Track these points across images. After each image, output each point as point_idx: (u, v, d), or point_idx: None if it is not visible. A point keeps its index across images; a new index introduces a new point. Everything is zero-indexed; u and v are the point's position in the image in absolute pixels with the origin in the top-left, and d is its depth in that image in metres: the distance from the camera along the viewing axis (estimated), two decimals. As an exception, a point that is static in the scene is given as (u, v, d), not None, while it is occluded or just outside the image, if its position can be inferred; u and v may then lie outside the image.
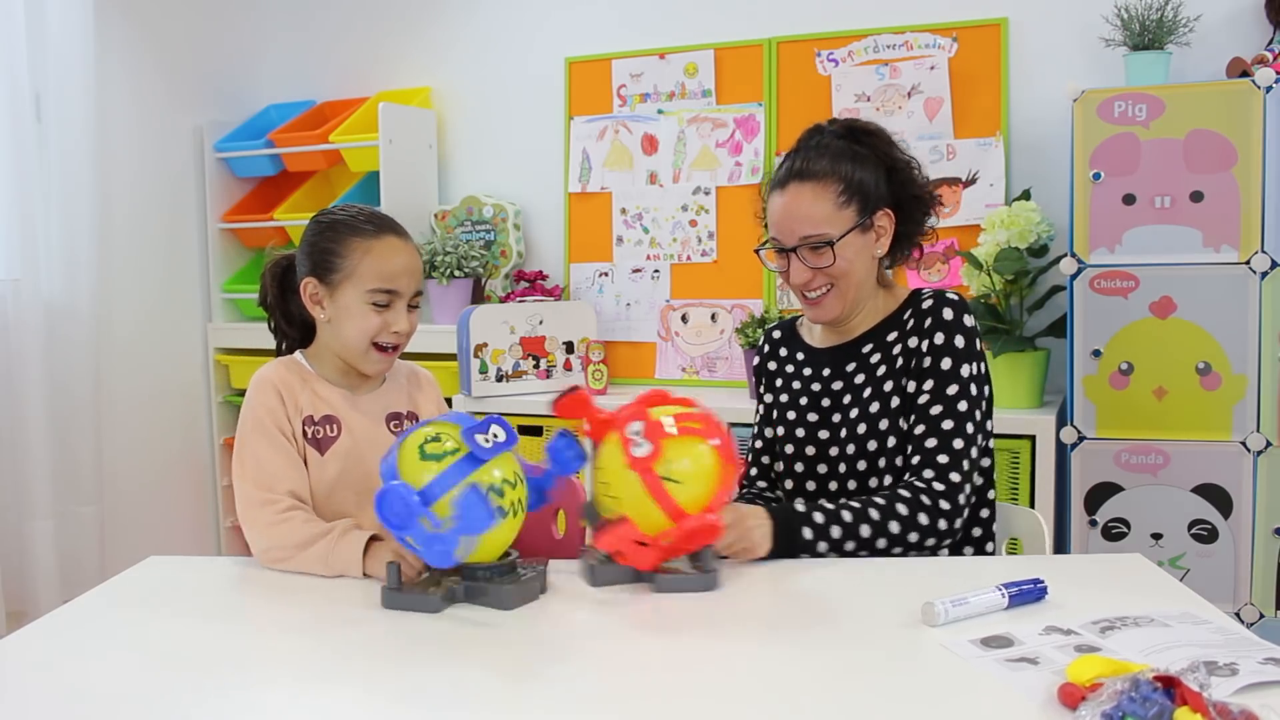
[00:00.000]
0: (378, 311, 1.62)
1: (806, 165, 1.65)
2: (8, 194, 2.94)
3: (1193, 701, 0.91)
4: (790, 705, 1.04)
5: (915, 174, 1.70)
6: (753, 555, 1.46)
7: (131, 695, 1.11)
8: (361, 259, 1.62)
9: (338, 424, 1.65)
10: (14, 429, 2.97)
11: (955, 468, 1.56)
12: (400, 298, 1.64)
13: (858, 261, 1.66)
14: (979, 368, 1.62)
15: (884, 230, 1.68)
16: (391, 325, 1.63)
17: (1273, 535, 2.45)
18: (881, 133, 1.71)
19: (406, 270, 1.64)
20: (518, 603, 1.30)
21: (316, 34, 3.78)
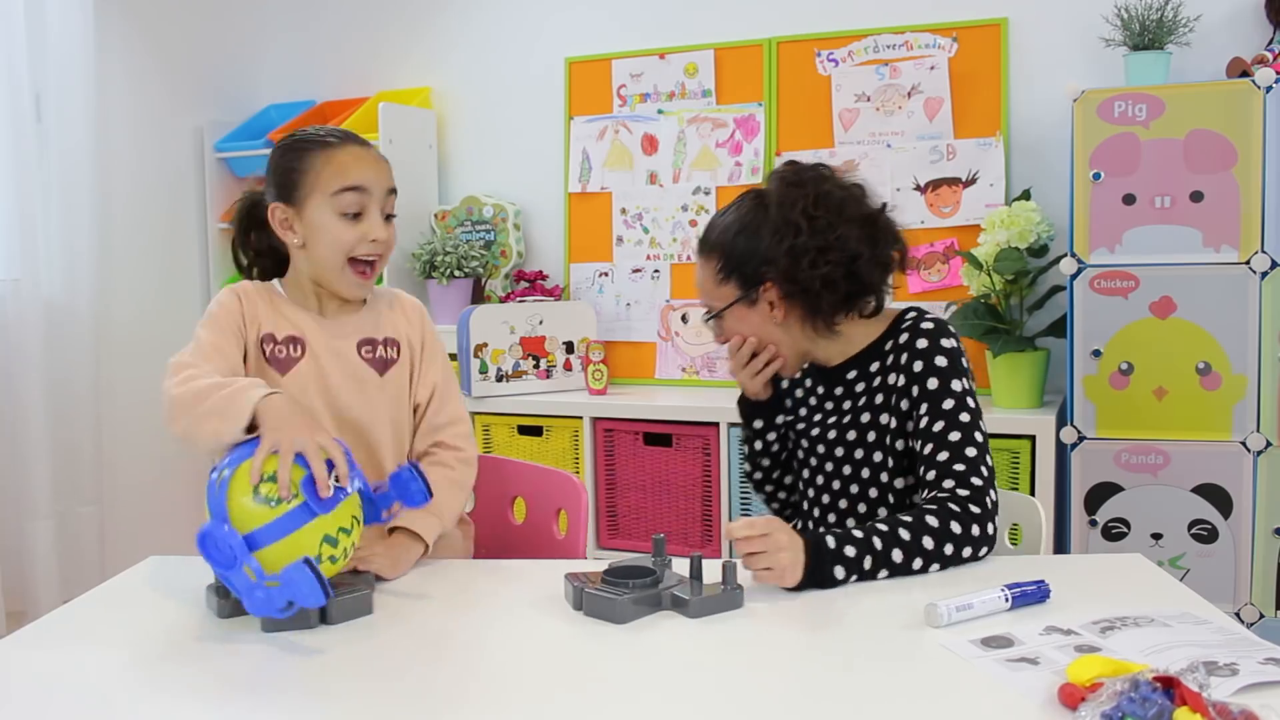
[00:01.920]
0: (350, 223, 1.54)
1: (704, 235, 1.66)
2: (8, 194, 2.94)
3: (1192, 702, 0.91)
4: (790, 704, 1.04)
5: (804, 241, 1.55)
6: (779, 583, 1.35)
7: (131, 695, 1.11)
8: (324, 167, 1.54)
9: (302, 344, 1.58)
10: (14, 429, 2.97)
11: (975, 473, 1.49)
12: (371, 198, 1.55)
13: (763, 330, 1.63)
14: (967, 383, 1.55)
15: (776, 301, 1.59)
16: (368, 234, 1.55)
17: (1273, 535, 2.45)
18: (793, 190, 1.58)
19: (374, 169, 1.56)
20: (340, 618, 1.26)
21: (316, 34, 3.78)
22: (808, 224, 1.55)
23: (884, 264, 1.60)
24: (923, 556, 1.41)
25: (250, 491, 1.24)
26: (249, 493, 1.23)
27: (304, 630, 1.24)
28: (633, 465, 3.01)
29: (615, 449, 3.03)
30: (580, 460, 3.03)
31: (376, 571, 1.41)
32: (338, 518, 1.26)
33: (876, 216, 1.61)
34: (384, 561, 1.44)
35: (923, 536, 1.41)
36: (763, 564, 1.33)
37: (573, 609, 1.31)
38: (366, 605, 1.30)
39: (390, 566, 1.45)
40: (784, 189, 1.59)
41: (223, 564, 1.20)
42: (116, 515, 3.20)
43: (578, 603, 1.31)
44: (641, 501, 3.02)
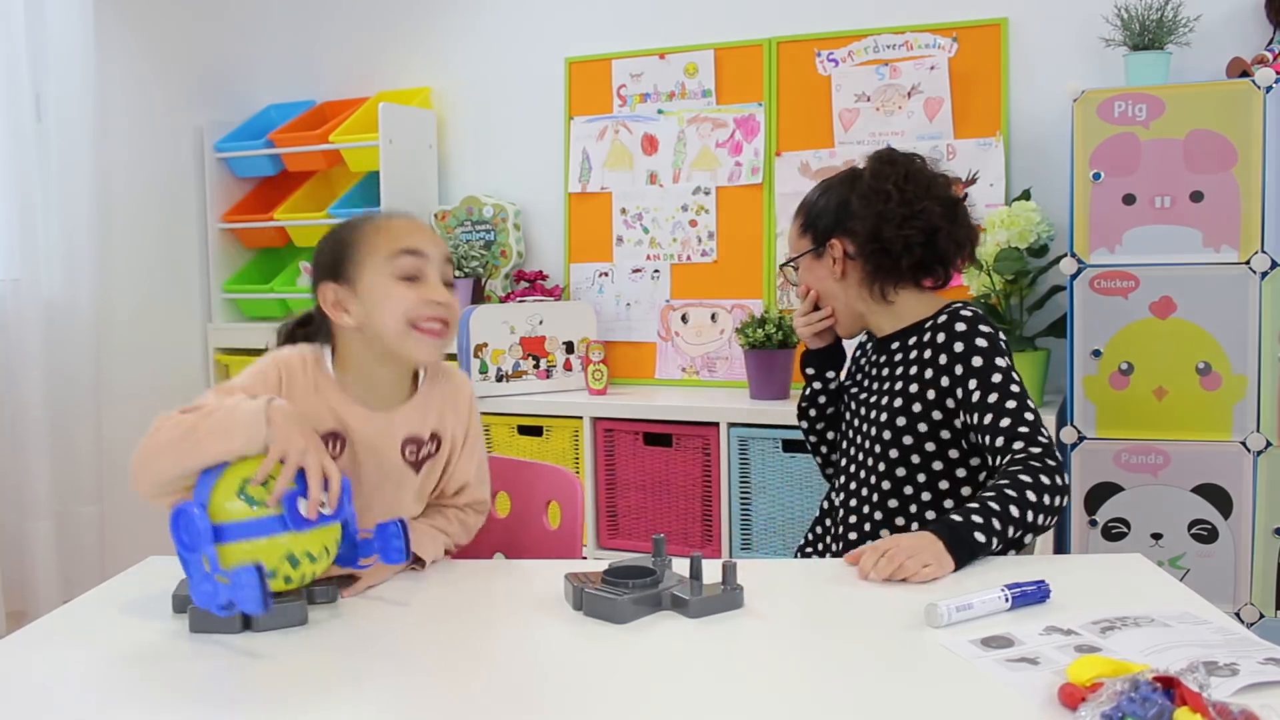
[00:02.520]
0: (408, 285, 1.45)
1: (805, 195, 1.85)
2: (8, 194, 2.94)
3: (1192, 702, 0.91)
4: (790, 705, 1.04)
5: (893, 208, 1.70)
6: (940, 573, 1.39)
7: (132, 695, 1.11)
8: (376, 235, 1.47)
9: (341, 441, 1.48)
10: (14, 429, 2.97)
11: (1039, 432, 1.58)
12: (429, 264, 1.47)
13: (825, 284, 1.81)
14: (1010, 361, 1.66)
15: (839, 258, 1.76)
16: (429, 296, 1.45)
17: (1273, 535, 2.45)
18: (886, 166, 1.75)
19: (429, 237, 1.50)
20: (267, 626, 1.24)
21: (316, 34, 3.78)
22: (899, 194, 1.71)
23: (959, 242, 1.74)
24: (1032, 509, 1.49)
25: (238, 487, 1.25)
26: (236, 487, 1.25)
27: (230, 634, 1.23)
28: (633, 465, 3.01)
29: (615, 449, 3.03)
30: (580, 460, 3.03)
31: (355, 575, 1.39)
32: (308, 541, 1.25)
33: (958, 201, 1.76)
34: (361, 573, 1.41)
35: (1026, 491, 1.50)
36: (916, 566, 1.38)
37: (573, 609, 1.31)
38: (299, 615, 1.27)
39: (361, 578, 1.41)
40: (878, 165, 1.77)
41: (186, 545, 1.22)
42: (116, 515, 3.20)
43: (578, 603, 1.31)
44: (641, 501, 3.02)
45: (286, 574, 1.25)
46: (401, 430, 1.52)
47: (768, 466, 2.85)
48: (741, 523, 2.90)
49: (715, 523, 2.91)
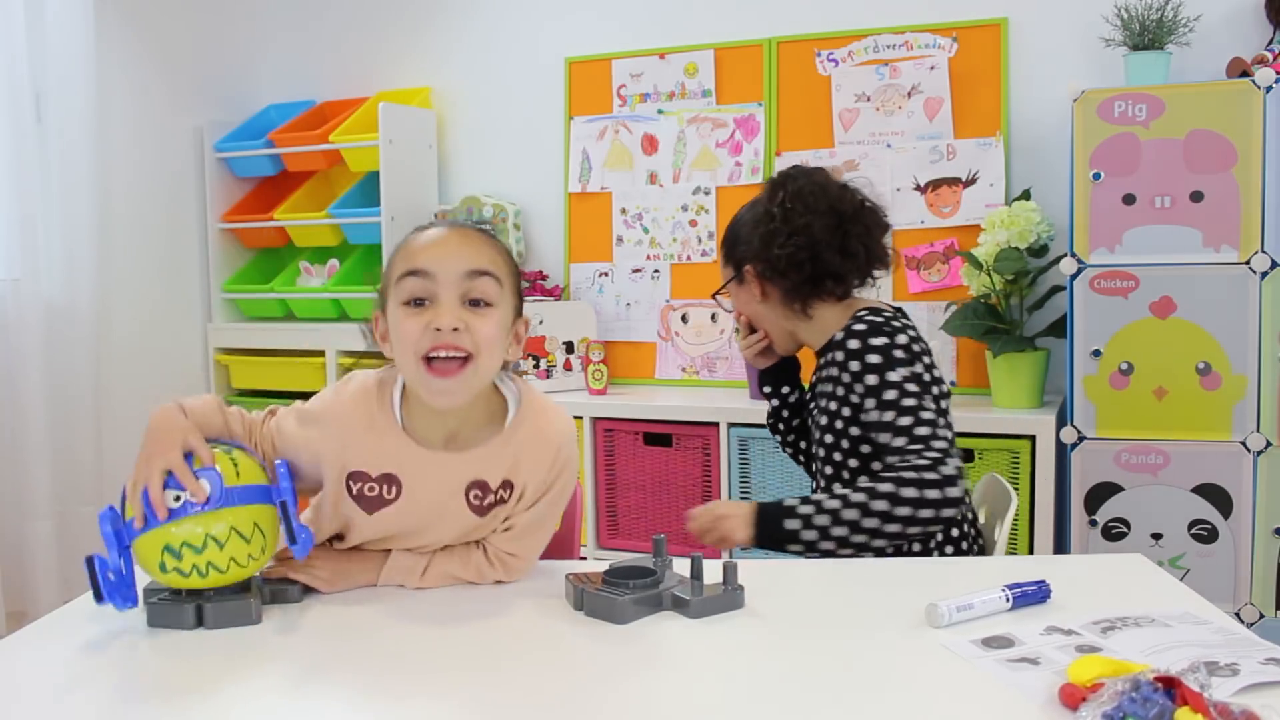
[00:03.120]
0: (413, 312, 1.28)
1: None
2: (8, 194, 2.94)
3: (1193, 702, 0.91)
4: (790, 705, 1.04)
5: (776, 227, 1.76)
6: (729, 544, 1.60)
7: (132, 696, 1.11)
8: (396, 256, 1.33)
9: (398, 485, 1.35)
10: (14, 429, 2.97)
11: (929, 441, 1.59)
12: (437, 283, 1.28)
13: (750, 307, 1.87)
14: (906, 372, 1.65)
15: (755, 281, 1.82)
16: (432, 323, 1.27)
17: (1273, 535, 2.45)
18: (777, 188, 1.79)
19: (444, 249, 1.30)
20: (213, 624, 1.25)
21: (316, 34, 3.78)
22: (780, 213, 1.76)
23: (849, 254, 1.76)
24: (880, 518, 1.54)
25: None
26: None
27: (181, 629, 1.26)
28: (633, 465, 3.01)
29: (615, 449, 3.03)
30: (580, 460, 3.02)
31: (311, 584, 1.36)
32: (184, 533, 1.24)
33: (852, 212, 1.77)
34: (322, 574, 1.37)
35: (877, 500, 1.54)
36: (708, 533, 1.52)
37: (573, 609, 1.31)
38: (246, 614, 1.27)
39: (326, 580, 1.37)
40: (769, 186, 1.82)
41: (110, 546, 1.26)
42: (116, 515, 3.20)
43: (578, 603, 1.30)
44: (641, 501, 3.02)
45: (175, 566, 1.24)
46: (468, 474, 1.36)
47: (768, 466, 2.85)
48: (741, 523, 2.89)
49: (715, 523, 2.91)
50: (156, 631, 1.27)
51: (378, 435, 1.35)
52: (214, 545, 1.24)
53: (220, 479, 1.26)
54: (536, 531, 1.43)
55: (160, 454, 1.26)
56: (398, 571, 1.39)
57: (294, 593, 1.34)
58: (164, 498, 1.24)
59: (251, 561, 1.28)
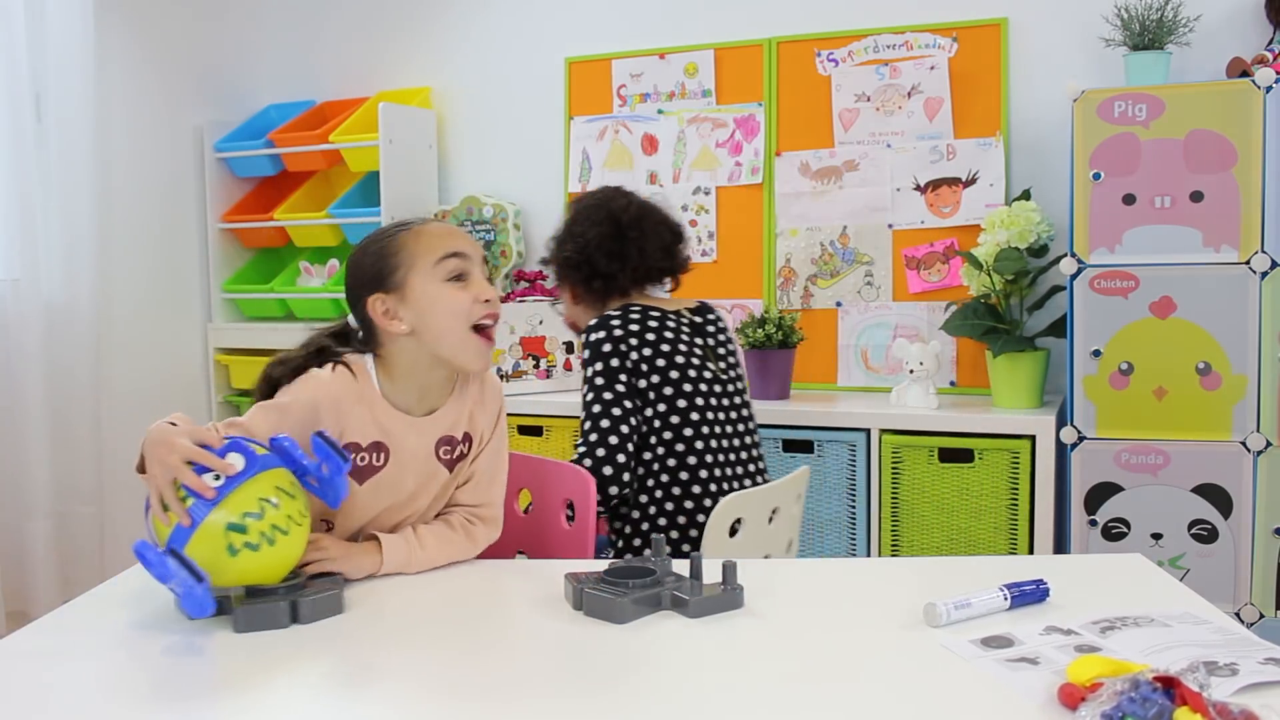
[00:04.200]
0: (459, 285, 1.47)
1: None
2: (8, 194, 2.94)
3: (1193, 702, 0.91)
4: (790, 704, 1.04)
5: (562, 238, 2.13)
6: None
7: (132, 695, 1.11)
8: (417, 243, 1.48)
9: (386, 452, 1.49)
10: (14, 429, 2.97)
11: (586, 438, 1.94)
12: (472, 263, 1.49)
13: (569, 309, 2.20)
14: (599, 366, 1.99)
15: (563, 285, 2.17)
16: (480, 295, 1.47)
17: (1273, 535, 2.45)
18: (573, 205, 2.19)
19: (466, 238, 1.52)
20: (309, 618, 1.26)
21: (316, 34, 3.78)
22: (565, 227, 2.13)
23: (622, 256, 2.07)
24: None
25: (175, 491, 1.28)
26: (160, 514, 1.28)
27: (277, 630, 1.25)
28: (633, 465, 3.01)
29: (615, 449, 3.03)
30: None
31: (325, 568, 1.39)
32: (231, 508, 1.25)
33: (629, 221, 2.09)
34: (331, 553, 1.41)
35: None
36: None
37: (573, 609, 1.31)
38: (336, 605, 1.30)
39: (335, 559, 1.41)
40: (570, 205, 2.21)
41: (160, 577, 1.22)
42: (116, 515, 3.20)
43: (578, 603, 1.31)
44: (641, 501, 3.01)
45: (246, 542, 1.24)
46: (437, 432, 1.53)
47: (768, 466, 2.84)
48: (741, 523, 2.89)
49: (715, 523, 2.91)
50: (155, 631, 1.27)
51: (368, 407, 1.48)
52: (270, 507, 1.28)
53: (247, 447, 1.30)
54: (495, 477, 1.61)
55: (171, 451, 1.28)
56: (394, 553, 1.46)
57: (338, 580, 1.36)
58: (201, 481, 1.25)
59: (304, 519, 1.32)
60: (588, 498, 1.77)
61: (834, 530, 2.81)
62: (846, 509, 2.80)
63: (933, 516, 2.72)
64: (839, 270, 3.14)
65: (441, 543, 1.52)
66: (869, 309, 3.12)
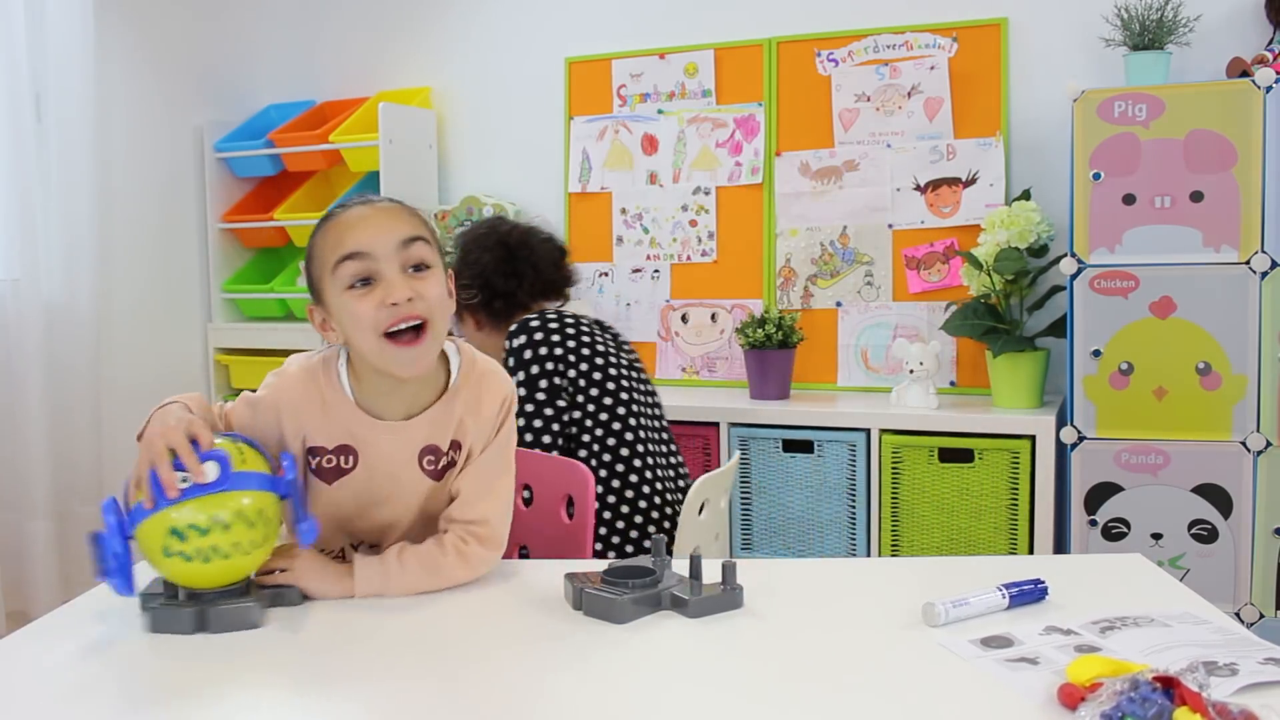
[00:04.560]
0: (361, 294, 1.30)
1: None
2: (8, 194, 2.94)
3: (1192, 702, 0.91)
4: (790, 704, 1.04)
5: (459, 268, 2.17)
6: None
7: (131, 696, 1.11)
8: (323, 244, 1.34)
9: (354, 455, 1.39)
10: (14, 429, 2.97)
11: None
12: (377, 261, 1.30)
13: (470, 334, 2.26)
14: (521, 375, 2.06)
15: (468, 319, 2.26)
16: (386, 299, 1.29)
17: (1273, 535, 2.45)
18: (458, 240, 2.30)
19: (373, 227, 1.32)
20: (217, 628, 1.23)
21: (316, 34, 3.78)
22: (459, 260, 2.23)
23: (514, 274, 2.21)
24: None
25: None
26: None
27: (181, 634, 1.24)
28: (633, 465, 3.01)
29: (615, 449, 3.03)
30: (580, 460, 3.03)
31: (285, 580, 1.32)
32: (189, 514, 1.22)
33: (517, 242, 2.24)
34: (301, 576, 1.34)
35: None
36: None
37: (573, 609, 1.31)
38: (249, 618, 1.25)
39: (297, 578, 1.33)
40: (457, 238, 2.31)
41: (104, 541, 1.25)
42: (116, 515, 3.20)
43: (578, 603, 1.30)
44: (641, 501, 3.02)
45: (180, 550, 1.23)
46: (420, 440, 1.40)
47: (768, 466, 2.85)
48: (742, 523, 2.90)
49: (715, 523, 2.91)
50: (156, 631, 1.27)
51: (330, 411, 1.39)
52: (219, 529, 1.23)
53: (228, 461, 1.26)
54: (491, 489, 1.42)
55: (163, 435, 1.25)
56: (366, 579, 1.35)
57: (293, 595, 1.32)
58: (173, 477, 1.22)
59: (255, 549, 1.26)
60: (586, 493, 1.78)
61: (834, 530, 2.81)
62: (846, 509, 2.80)
63: (933, 516, 2.72)
64: (839, 270, 3.14)
65: (427, 567, 1.37)
66: (869, 309, 3.12)
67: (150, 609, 1.26)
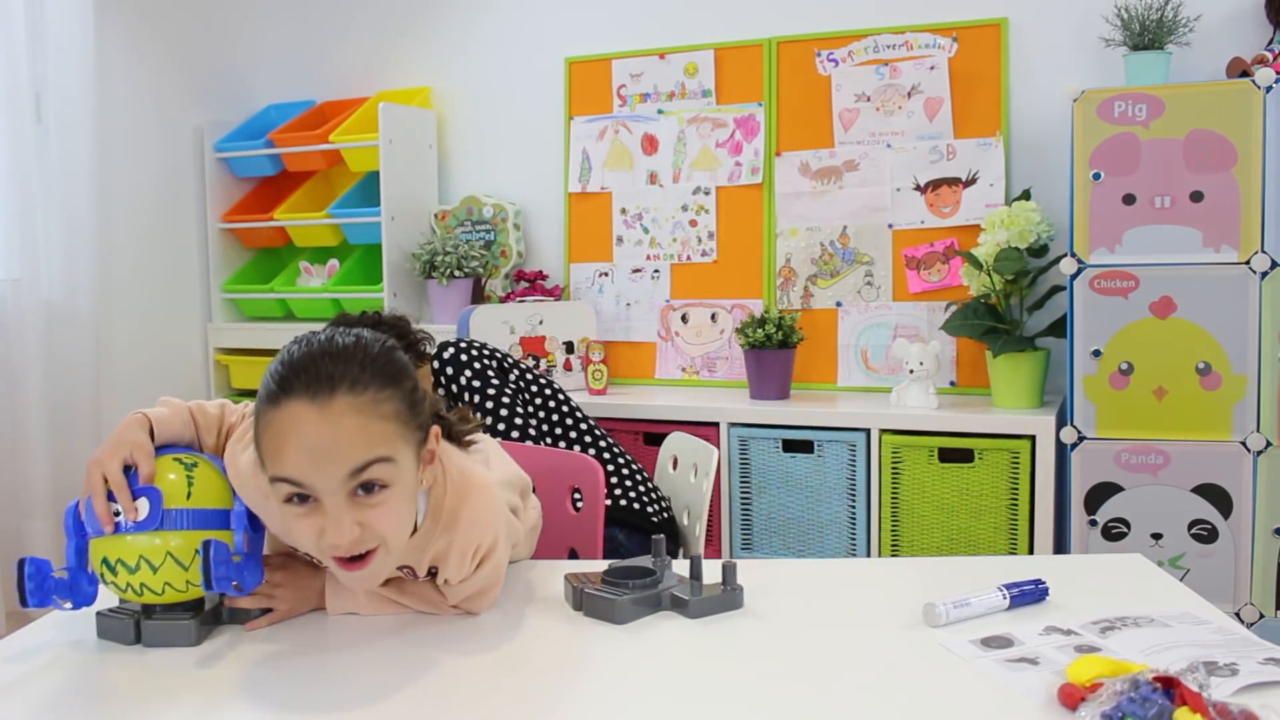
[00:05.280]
0: (300, 513, 1.12)
1: None
2: (8, 194, 2.94)
3: (1192, 702, 0.91)
4: (790, 705, 1.04)
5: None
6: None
7: (132, 695, 1.11)
8: (264, 435, 1.13)
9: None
10: (14, 429, 2.97)
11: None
12: (317, 491, 1.11)
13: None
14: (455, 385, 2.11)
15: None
16: (326, 535, 1.12)
17: (1273, 535, 2.45)
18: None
19: (311, 455, 1.09)
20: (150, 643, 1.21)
21: (316, 34, 3.78)
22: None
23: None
24: None
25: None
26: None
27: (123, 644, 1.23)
28: (633, 465, 3.01)
29: (615, 449, 3.03)
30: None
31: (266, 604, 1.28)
32: (120, 549, 1.19)
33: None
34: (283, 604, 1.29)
35: None
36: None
37: (573, 609, 1.31)
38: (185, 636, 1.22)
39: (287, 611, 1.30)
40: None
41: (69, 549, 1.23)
42: (116, 515, 3.20)
43: (578, 603, 1.31)
44: (641, 501, 3.02)
45: (111, 580, 1.20)
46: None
47: (768, 466, 2.85)
48: (741, 523, 2.90)
49: (715, 523, 2.91)
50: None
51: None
52: (147, 567, 1.18)
53: (160, 499, 1.20)
54: (485, 592, 1.31)
55: (100, 464, 1.22)
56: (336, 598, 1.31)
57: (252, 614, 1.28)
58: (108, 510, 1.19)
59: (191, 588, 1.21)
60: (596, 486, 1.78)
61: (834, 530, 2.81)
62: (846, 509, 2.80)
63: (933, 516, 2.72)
64: (839, 270, 3.14)
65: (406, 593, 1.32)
66: (869, 309, 3.12)
67: (99, 615, 1.25)
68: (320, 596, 1.32)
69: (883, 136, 3.08)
